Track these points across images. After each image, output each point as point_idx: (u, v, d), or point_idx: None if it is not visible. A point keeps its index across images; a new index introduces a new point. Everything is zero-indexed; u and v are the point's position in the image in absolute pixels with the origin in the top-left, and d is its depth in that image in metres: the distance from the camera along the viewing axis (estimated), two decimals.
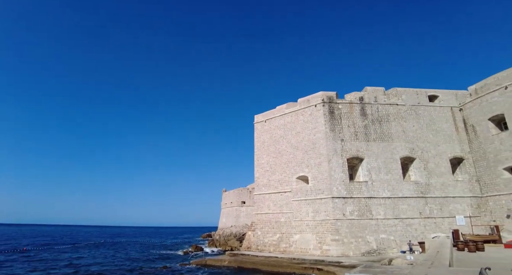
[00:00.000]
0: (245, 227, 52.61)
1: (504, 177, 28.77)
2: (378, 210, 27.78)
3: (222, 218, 65.45)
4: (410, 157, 30.77)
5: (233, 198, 62.27)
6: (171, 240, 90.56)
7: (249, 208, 57.51)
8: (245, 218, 57.41)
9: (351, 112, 31.30)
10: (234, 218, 59.73)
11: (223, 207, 66.30)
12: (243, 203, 60.48)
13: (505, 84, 29.73)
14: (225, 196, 66.24)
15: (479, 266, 15.35)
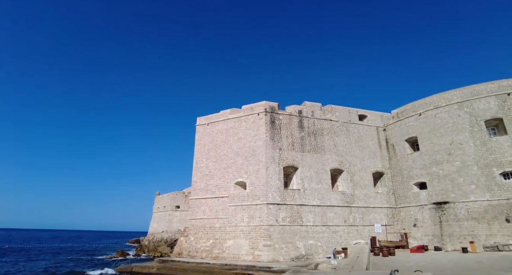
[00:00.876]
0: (177, 233, 50.93)
1: (413, 191, 33.13)
2: (308, 217, 29.52)
3: (153, 223, 62.33)
4: (339, 169, 33.47)
5: (166, 202, 59.89)
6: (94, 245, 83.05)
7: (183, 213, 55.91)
8: (178, 223, 55.59)
9: (290, 123, 32.91)
10: (167, 223, 57.39)
11: (155, 211, 63.27)
12: (178, 207, 58.57)
13: (419, 111, 34.45)
14: (158, 200, 63.34)
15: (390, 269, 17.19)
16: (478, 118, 30.91)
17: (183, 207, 57.30)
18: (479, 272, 16.52)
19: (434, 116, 33.27)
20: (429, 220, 30.62)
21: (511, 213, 26.81)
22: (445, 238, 28.63)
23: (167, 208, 58.93)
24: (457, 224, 28.65)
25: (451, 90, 33.37)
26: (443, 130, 32.24)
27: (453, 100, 32.68)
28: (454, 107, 32.35)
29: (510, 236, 25.86)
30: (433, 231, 29.79)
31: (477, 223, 27.68)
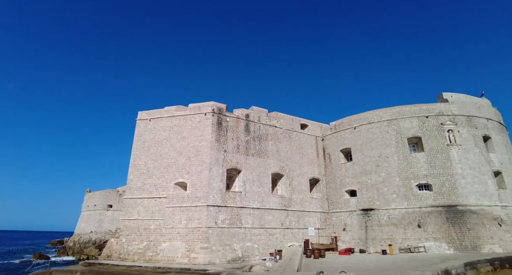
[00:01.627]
0: (108, 234, 47.41)
1: (345, 198, 35.95)
2: (248, 219, 30.00)
3: (81, 223, 57.05)
4: (280, 174, 34.75)
5: (98, 200, 55.38)
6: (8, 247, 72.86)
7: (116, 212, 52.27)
8: (109, 224, 51.79)
9: (237, 126, 33.23)
10: (97, 223, 53.03)
11: (84, 210, 58.02)
12: (110, 206, 54.56)
13: (354, 125, 37.61)
14: (88, 198, 58.20)
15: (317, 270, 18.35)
16: (403, 136, 34.86)
17: (116, 206, 53.49)
18: (394, 271, 18.55)
19: (367, 131, 36.60)
20: (356, 225, 33.50)
21: (422, 220, 30.73)
22: (369, 241, 31.57)
23: (98, 207, 54.42)
24: (379, 229, 31.83)
25: (382, 109, 37.13)
26: (374, 144, 35.63)
27: (383, 118, 36.35)
28: (384, 124, 35.99)
29: (420, 239, 29.59)
30: (360, 235, 32.64)
31: (396, 228, 31.11)
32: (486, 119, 37.21)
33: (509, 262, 24.09)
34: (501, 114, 42.13)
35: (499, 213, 31.41)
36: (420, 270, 18.12)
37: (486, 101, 40.79)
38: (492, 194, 32.56)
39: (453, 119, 35.20)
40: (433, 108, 36.01)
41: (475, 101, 38.82)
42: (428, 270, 18.05)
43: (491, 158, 34.85)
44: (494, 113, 39.98)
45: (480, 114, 37.11)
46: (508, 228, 30.42)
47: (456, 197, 31.53)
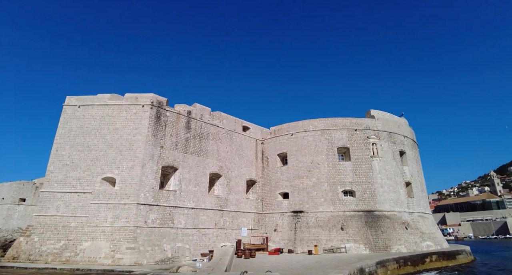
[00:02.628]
0: (17, 232, 41.25)
1: (278, 200, 37.40)
2: (180, 219, 29.08)
3: None
4: (218, 174, 34.60)
5: (7, 193, 47.77)
6: None
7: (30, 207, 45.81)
8: (20, 220, 45.10)
9: (177, 122, 32.13)
10: (3, 219, 45.66)
11: None
12: (23, 200, 47.55)
13: (292, 132, 39.56)
14: None
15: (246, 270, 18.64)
16: (333, 145, 37.78)
17: (31, 200, 46.79)
18: (317, 270, 19.82)
19: (302, 138, 38.78)
20: (287, 226, 35.06)
21: (345, 223, 33.60)
22: (297, 242, 33.31)
23: (7, 200, 46.86)
24: (307, 230, 33.84)
25: (318, 119, 39.81)
26: (308, 151, 37.89)
27: (318, 127, 38.96)
28: (318, 133, 38.57)
29: (342, 241, 32.28)
30: (289, 235, 34.22)
31: (322, 230, 33.43)
32: (403, 136, 42.55)
33: (411, 260, 27.79)
34: (415, 133, 48.63)
35: (406, 218, 36.09)
36: (339, 269, 19.67)
37: (405, 121, 46.64)
38: (403, 202, 37.28)
39: (377, 134, 39.40)
40: (362, 122, 39.84)
41: (396, 120, 44.11)
42: (346, 269, 19.69)
43: (405, 171, 39.93)
44: (410, 131, 45.94)
45: (399, 132, 42.30)
46: (412, 231, 35.14)
47: (374, 203, 35.28)
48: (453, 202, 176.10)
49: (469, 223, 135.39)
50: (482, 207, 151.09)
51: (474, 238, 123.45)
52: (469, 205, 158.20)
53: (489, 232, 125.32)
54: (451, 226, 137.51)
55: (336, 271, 18.98)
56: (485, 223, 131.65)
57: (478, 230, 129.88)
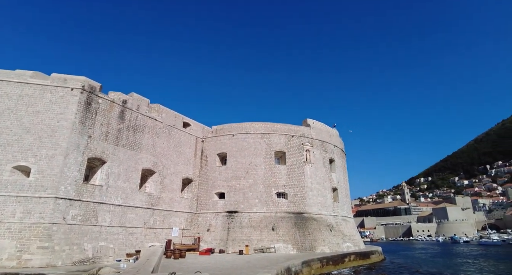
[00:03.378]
0: None
1: (214, 200, 36.99)
2: (105, 216, 26.73)
3: None
4: (152, 170, 32.77)
5: None
6: None
7: None
8: None
9: (110, 111, 29.60)
10: None
11: None
12: None
13: (233, 132, 39.70)
14: None
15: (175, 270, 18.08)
16: (271, 149, 38.97)
17: None
18: (246, 270, 20.10)
19: (243, 140, 39.15)
20: (220, 226, 34.81)
21: (276, 224, 34.74)
22: (229, 242, 33.28)
23: None
24: (240, 230, 34.07)
25: (259, 122, 40.72)
26: (247, 152, 38.36)
27: (259, 130, 39.80)
28: (258, 136, 39.39)
29: (272, 241, 33.29)
30: (222, 236, 34.01)
31: (254, 230, 34.00)
32: (334, 145, 45.86)
33: (333, 260, 29.93)
34: (344, 143, 52.76)
35: (331, 221, 38.84)
36: (268, 269, 20.23)
37: (336, 132, 50.33)
38: (329, 206, 40.05)
39: (311, 142, 41.77)
40: (298, 130, 41.92)
41: (329, 130, 47.36)
42: (274, 268, 20.34)
43: (332, 177, 43.01)
44: (339, 142, 49.71)
45: (331, 141, 45.47)
46: (336, 233, 37.94)
47: (304, 206, 37.21)
48: (371, 208, 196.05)
49: (383, 227, 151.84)
50: (393, 213, 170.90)
51: (385, 239, 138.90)
52: (384, 211, 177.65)
53: (397, 235, 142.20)
54: (368, 229, 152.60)
55: (264, 270, 19.45)
56: (394, 227, 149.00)
57: (389, 232, 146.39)
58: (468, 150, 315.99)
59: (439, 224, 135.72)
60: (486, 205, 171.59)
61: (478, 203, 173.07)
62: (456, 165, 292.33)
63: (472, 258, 47.28)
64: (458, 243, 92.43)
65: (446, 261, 43.99)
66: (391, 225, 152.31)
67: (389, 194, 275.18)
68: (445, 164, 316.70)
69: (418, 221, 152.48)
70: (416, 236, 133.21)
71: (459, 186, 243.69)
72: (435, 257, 50.61)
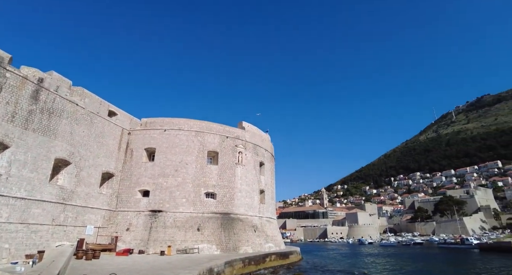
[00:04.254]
0: None
1: (137, 197, 34.60)
2: (2, 211, 22.69)
3: None
4: (67, 161, 29.14)
5: None
6: None
7: None
8: None
9: (21, 88, 25.45)
10: None
11: None
12: None
13: (165, 127, 37.94)
14: None
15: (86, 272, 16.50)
16: (205, 148, 38.40)
17: None
18: (167, 271, 19.36)
19: (175, 136, 37.71)
20: (141, 226, 32.66)
21: (202, 224, 34.18)
22: (151, 242, 31.45)
23: None
24: (163, 230, 32.51)
25: (194, 120, 39.87)
26: (178, 149, 37.04)
27: (193, 128, 38.85)
28: (192, 134, 38.41)
29: (196, 241, 32.60)
30: (142, 235, 31.95)
31: (178, 230, 32.83)
32: (265, 149, 47.34)
33: (255, 260, 30.65)
34: (274, 148, 54.85)
35: (256, 222, 39.85)
36: (189, 269, 19.86)
37: (268, 137, 52.07)
38: (256, 207, 41.07)
39: (244, 144, 42.41)
40: (233, 131, 42.22)
41: (261, 134, 48.76)
42: (196, 269, 20.07)
43: (261, 180, 44.29)
44: (270, 146, 51.53)
45: (262, 145, 46.83)
46: (260, 234, 39.03)
47: (231, 207, 37.45)
48: (294, 210, 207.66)
49: (302, 229, 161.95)
50: (313, 216, 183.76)
51: (304, 240, 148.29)
52: (304, 214, 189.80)
53: (315, 236, 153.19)
54: (289, 230, 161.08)
55: (186, 271, 19.03)
56: (313, 229, 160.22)
57: (308, 234, 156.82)
58: (379, 163, 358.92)
59: (351, 227, 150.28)
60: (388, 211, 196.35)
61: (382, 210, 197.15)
62: (368, 176, 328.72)
63: (374, 257, 53.54)
64: (364, 244, 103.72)
65: (353, 260, 48.91)
66: (310, 227, 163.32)
67: (310, 198, 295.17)
68: (359, 174, 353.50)
69: (333, 224, 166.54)
70: (330, 238, 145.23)
71: (369, 194, 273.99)
72: (345, 256, 55.86)
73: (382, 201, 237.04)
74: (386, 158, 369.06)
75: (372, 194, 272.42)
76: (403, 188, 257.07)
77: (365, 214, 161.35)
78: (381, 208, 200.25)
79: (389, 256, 54.56)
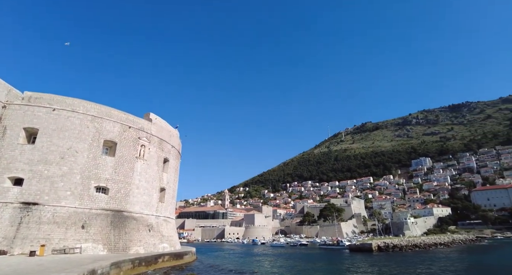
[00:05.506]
0: None
1: (4, 185, 28.40)
2: None
3: None
4: None
5: None
6: None
7: None
8: None
9: None
10: None
11: None
12: None
13: (55, 106, 32.64)
14: None
15: None
16: (101, 136, 34.42)
17: None
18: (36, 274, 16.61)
19: (67, 118, 32.80)
20: (7, 220, 26.80)
21: (88, 221, 30.33)
22: (18, 240, 26.12)
23: None
24: (37, 227, 27.47)
25: (92, 102, 35.25)
26: (68, 134, 32.26)
27: (90, 112, 34.42)
28: (88, 118, 33.98)
29: (79, 240, 28.69)
30: (7, 233, 26.20)
31: (57, 227, 28.28)
32: (172, 146, 45.48)
33: (146, 261, 28.85)
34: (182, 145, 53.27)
35: (152, 221, 37.65)
36: (66, 272, 17.51)
37: (177, 132, 50.29)
38: (153, 206, 38.85)
39: (149, 137, 39.83)
40: (138, 122, 39.13)
41: (170, 130, 46.72)
42: (75, 271, 17.82)
43: (163, 177, 42.25)
44: (178, 143, 49.84)
45: (170, 141, 44.87)
46: (154, 233, 36.97)
47: (126, 204, 34.48)
48: (195, 210, 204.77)
49: (201, 229, 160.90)
50: (213, 216, 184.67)
51: (201, 241, 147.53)
52: (205, 214, 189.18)
53: (212, 236, 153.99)
54: (188, 231, 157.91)
55: (62, 274, 16.68)
56: (211, 229, 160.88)
57: (206, 234, 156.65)
58: (278, 170, 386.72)
59: (247, 228, 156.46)
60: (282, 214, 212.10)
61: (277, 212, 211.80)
62: (268, 180, 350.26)
63: (264, 257, 56.95)
64: (257, 245, 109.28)
65: (245, 259, 50.97)
66: (209, 227, 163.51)
67: (213, 199, 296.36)
68: (260, 178, 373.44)
69: (231, 225, 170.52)
70: (227, 238, 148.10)
71: (267, 197, 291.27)
72: (238, 256, 57.72)
73: (277, 204, 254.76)
74: (285, 165, 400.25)
75: (270, 197, 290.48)
76: (296, 194, 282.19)
77: (262, 216, 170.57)
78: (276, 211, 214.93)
79: (277, 256, 58.85)
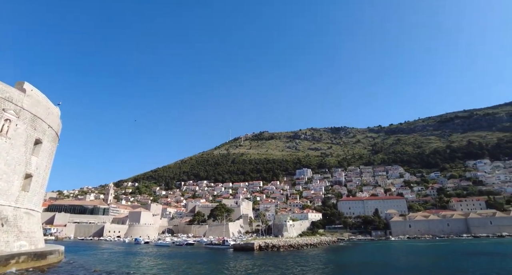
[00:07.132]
0: None
1: None
2: None
3: None
4: None
5: None
6: None
7: None
8: None
9: None
10: None
11: None
12: None
13: None
14: None
15: None
16: None
17: None
18: None
19: None
20: None
21: None
22: None
23: None
24: None
25: None
26: None
27: None
28: None
29: None
30: None
31: None
32: (48, 125, 38.73)
33: None
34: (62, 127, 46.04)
35: (8, 213, 30.94)
36: None
37: (58, 111, 43.17)
38: (12, 194, 32.14)
39: (18, 111, 33.09)
40: (6, 90, 32.21)
41: (49, 106, 39.76)
42: None
43: (32, 161, 35.51)
44: (58, 124, 42.78)
45: (46, 119, 38.10)
46: (9, 229, 30.39)
47: None
48: (69, 203, 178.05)
49: (75, 225, 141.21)
50: (92, 212, 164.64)
51: (73, 238, 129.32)
52: (82, 208, 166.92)
53: (89, 234, 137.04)
54: (57, 226, 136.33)
55: None
56: (87, 225, 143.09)
57: (80, 231, 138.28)
58: (174, 167, 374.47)
59: (131, 226, 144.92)
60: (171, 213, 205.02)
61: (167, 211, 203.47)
62: (161, 177, 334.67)
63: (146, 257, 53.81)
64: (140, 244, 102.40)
65: (125, 259, 47.06)
66: (85, 223, 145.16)
67: (94, 192, 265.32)
68: (153, 174, 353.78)
69: (113, 222, 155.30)
70: (106, 236, 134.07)
71: (158, 195, 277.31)
72: (118, 256, 52.84)
73: (168, 202, 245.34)
74: (182, 163, 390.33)
75: (161, 195, 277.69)
76: (190, 193, 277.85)
77: (149, 214, 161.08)
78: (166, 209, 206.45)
79: (160, 256, 56.40)
